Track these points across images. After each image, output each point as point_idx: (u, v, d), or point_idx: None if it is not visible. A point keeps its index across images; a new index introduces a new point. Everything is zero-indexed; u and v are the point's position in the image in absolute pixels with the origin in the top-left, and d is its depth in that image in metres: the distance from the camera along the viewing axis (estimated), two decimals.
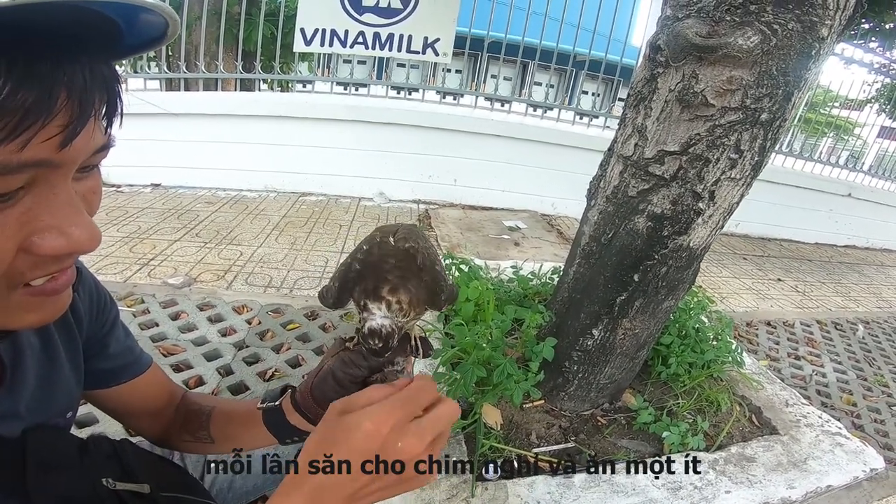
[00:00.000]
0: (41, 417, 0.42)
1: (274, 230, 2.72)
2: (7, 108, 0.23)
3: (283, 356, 1.51)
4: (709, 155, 0.70)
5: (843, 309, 3.19)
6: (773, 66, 0.65)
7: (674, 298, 0.91)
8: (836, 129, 5.60)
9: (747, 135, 0.69)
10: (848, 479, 1.08)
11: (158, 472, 0.47)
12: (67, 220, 0.29)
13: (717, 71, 0.66)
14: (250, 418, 0.56)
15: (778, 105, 0.68)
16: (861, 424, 1.88)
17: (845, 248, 4.81)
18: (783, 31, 0.65)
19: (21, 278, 0.30)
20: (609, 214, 0.85)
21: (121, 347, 0.54)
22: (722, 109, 0.67)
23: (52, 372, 0.44)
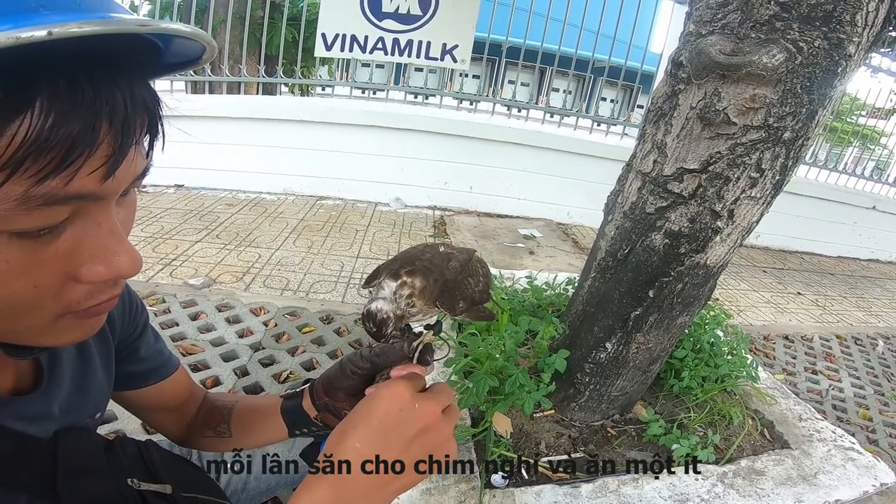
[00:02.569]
0: (73, 419, 0.44)
1: (292, 233, 2.78)
2: (52, 143, 0.24)
3: (298, 359, 1.55)
4: (729, 174, 0.70)
5: (863, 324, 3.12)
6: (798, 85, 0.66)
7: (689, 314, 0.91)
8: (862, 138, 5.48)
9: (769, 154, 0.69)
10: (857, 494, 1.07)
11: (179, 472, 0.49)
12: (111, 249, 0.30)
13: (740, 89, 0.67)
14: (269, 409, 0.59)
15: (801, 124, 0.68)
16: (876, 439, 1.86)
17: (868, 262, 4.69)
18: (809, 49, 0.65)
19: (74, 306, 0.31)
20: (626, 230, 0.86)
21: (151, 351, 0.57)
22: (744, 128, 0.67)
23: (85, 375, 0.46)
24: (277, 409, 0.58)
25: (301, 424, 0.58)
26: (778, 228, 4.27)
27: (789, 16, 0.68)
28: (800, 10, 0.67)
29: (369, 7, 3.15)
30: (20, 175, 0.24)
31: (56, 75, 0.23)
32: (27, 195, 0.24)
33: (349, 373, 0.52)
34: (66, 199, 0.26)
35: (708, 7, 0.74)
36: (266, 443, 0.62)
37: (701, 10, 0.75)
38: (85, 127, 0.25)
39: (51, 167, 0.24)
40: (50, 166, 0.24)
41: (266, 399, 0.62)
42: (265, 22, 3.44)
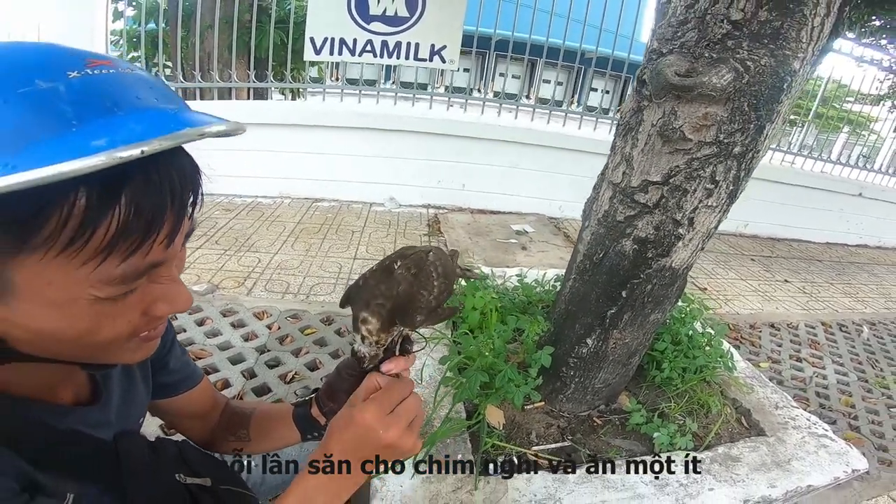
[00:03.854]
0: (124, 425, 0.52)
1: (290, 237, 2.84)
2: (133, 228, 0.31)
3: (302, 359, 1.62)
4: (687, 186, 0.77)
5: (849, 310, 3.19)
6: (745, 103, 0.72)
7: (660, 312, 0.98)
8: (850, 123, 5.55)
9: (722, 167, 0.76)
10: (829, 480, 1.12)
11: (212, 467, 0.57)
12: (172, 293, 0.39)
13: (693, 108, 0.73)
14: (283, 416, 0.68)
15: (750, 138, 0.74)
16: (857, 426, 1.92)
17: (857, 248, 4.77)
18: (755, 67, 0.71)
19: (139, 333, 0.40)
20: (600, 236, 0.93)
21: (179, 364, 0.64)
22: (698, 144, 0.74)
23: (130, 387, 0.55)
24: (290, 416, 0.67)
25: (312, 430, 0.67)
26: (766, 216, 4.34)
27: (740, 34, 0.74)
28: (751, 27, 0.73)
29: (356, 10, 3.18)
30: (113, 255, 0.31)
31: (134, 171, 0.30)
32: (122, 273, 0.33)
33: (345, 375, 0.60)
34: (146, 269, 0.34)
35: (669, 25, 0.80)
36: (281, 446, 0.70)
37: (663, 28, 0.82)
38: (157, 210, 0.32)
39: (134, 246, 0.32)
40: (134, 246, 0.32)
41: (279, 407, 0.71)
42: (253, 25, 3.44)
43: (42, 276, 0.31)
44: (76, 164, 0.25)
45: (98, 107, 0.29)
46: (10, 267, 0.30)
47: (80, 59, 0.31)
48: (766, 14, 0.72)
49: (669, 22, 0.80)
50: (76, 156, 0.26)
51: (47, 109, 0.27)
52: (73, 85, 0.29)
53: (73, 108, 0.28)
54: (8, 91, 0.27)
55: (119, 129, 0.28)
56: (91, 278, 0.32)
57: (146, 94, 0.32)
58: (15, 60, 0.29)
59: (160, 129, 0.29)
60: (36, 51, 0.31)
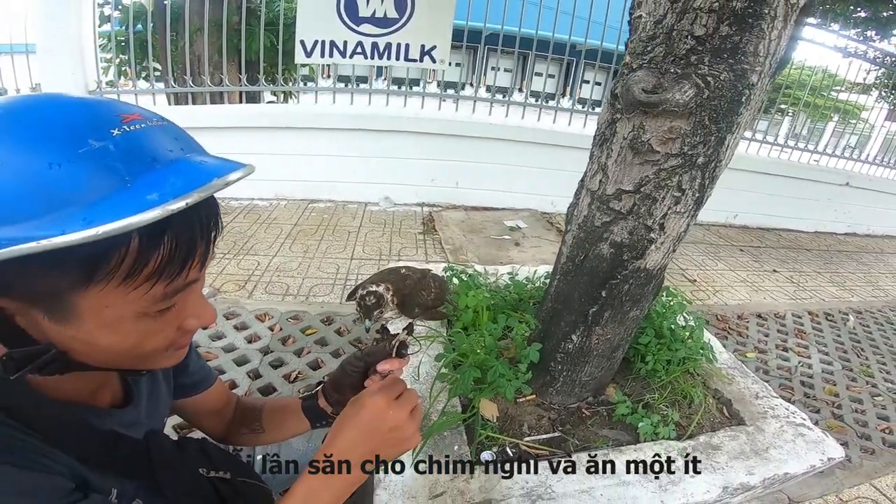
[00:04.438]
0: (152, 424, 0.59)
1: (287, 239, 2.89)
2: (176, 258, 0.39)
3: (305, 359, 1.68)
4: (656, 195, 0.83)
5: (836, 299, 3.25)
6: (706, 117, 0.77)
7: (638, 309, 1.05)
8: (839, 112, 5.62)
9: (687, 176, 0.82)
10: (805, 468, 1.17)
11: (231, 462, 0.63)
12: (201, 309, 0.47)
13: (659, 122, 0.79)
14: (293, 407, 0.76)
15: (712, 149, 0.80)
16: (841, 415, 1.96)
17: (845, 237, 4.85)
18: (715, 83, 0.77)
19: (174, 343, 0.47)
20: (581, 240, 0.99)
21: (196, 366, 0.72)
22: (665, 155, 0.80)
23: (155, 389, 0.61)
24: (299, 408, 0.75)
25: (320, 419, 0.74)
26: (755, 207, 4.42)
27: (703, 48, 0.79)
28: (712, 42, 0.78)
29: (346, 12, 3.20)
30: (160, 280, 0.39)
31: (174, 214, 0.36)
32: (164, 292, 0.40)
33: (349, 371, 0.67)
34: (182, 288, 0.42)
35: (640, 40, 0.86)
36: (292, 435, 0.78)
37: (635, 43, 0.87)
38: (191, 242, 0.40)
39: (175, 272, 0.40)
40: (175, 271, 0.40)
41: (288, 400, 0.78)
42: (242, 28, 3.45)
43: (102, 301, 0.38)
44: (139, 218, 0.32)
45: (142, 162, 0.35)
46: (78, 296, 0.37)
47: (116, 116, 0.37)
48: (727, 29, 0.78)
49: (640, 37, 0.86)
50: (138, 210, 0.32)
51: (105, 168, 0.34)
52: (119, 143, 0.35)
53: (123, 165, 0.34)
54: (70, 152, 0.33)
55: (163, 184, 0.34)
56: (141, 300, 0.39)
57: (174, 146, 0.39)
58: (66, 121, 0.35)
59: (196, 181, 0.35)
60: (78, 109, 0.36)
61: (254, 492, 0.63)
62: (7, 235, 0.31)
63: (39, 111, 0.35)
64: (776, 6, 0.77)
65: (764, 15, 0.77)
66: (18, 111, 0.35)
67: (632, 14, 0.88)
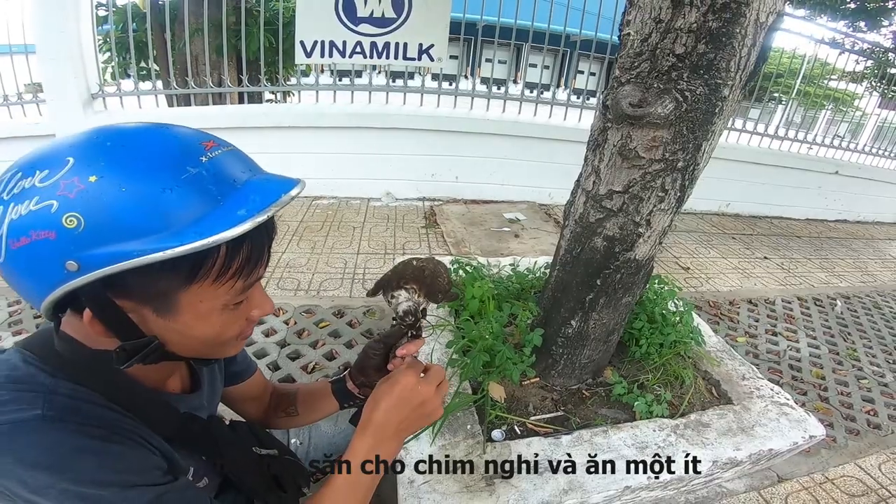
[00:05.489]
0: (211, 409, 0.68)
1: (294, 235, 2.98)
2: (252, 259, 0.48)
3: (320, 351, 1.79)
4: (643, 195, 0.93)
5: (825, 285, 3.34)
6: (684, 127, 0.87)
7: (630, 296, 1.15)
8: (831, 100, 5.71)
9: (669, 179, 0.92)
10: (788, 444, 1.25)
11: (275, 442, 0.74)
12: (263, 302, 0.55)
13: (644, 132, 0.89)
14: (323, 391, 0.85)
15: (690, 155, 0.90)
16: (827, 397, 2.03)
17: (836, 223, 4.95)
18: (692, 97, 0.86)
19: (241, 333, 0.55)
20: (577, 234, 1.09)
21: (242, 356, 0.81)
22: (649, 161, 0.89)
23: (213, 378, 0.71)
24: (328, 390, 0.84)
25: (348, 399, 0.83)
26: (747, 196, 4.52)
27: (683, 65, 0.88)
28: (691, 59, 0.88)
29: (344, 13, 3.25)
30: (240, 277, 0.48)
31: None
32: (242, 287, 0.49)
33: (371, 355, 0.76)
34: (253, 282, 0.50)
35: (628, 56, 0.95)
36: (323, 416, 0.87)
37: (624, 58, 0.96)
38: (262, 245, 0.49)
39: (250, 269, 0.48)
40: (249, 269, 0.48)
41: (318, 384, 0.87)
42: (242, 28, 3.46)
43: (198, 297, 0.46)
44: (236, 230, 0.41)
45: (227, 184, 0.44)
46: (181, 293, 0.46)
47: (199, 144, 0.45)
48: (703, 47, 0.87)
49: (628, 53, 0.95)
50: (233, 224, 0.41)
51: (202, 190, 0.42)
52: (208, 168, 0.44)
53: (215, 187, 0.43)
54: (176, 178, 0.42)
55: (247, 202, 0.43)
56: (226, 294, 0.48)
57: (243, 168, 0.48)
58: (166, 152, 0.43)
59: (270, 198, 0.44)
60: (171, 139, 0.44)
61: (295, 468, 0.73)
62: (136, 248, 0.40)
63: (144, 143, 0.43)
64: (747, 25, 0.87)
65: (735, 34, 0.86)
66: (127, 145, 0.43)
67: (621, 31, 0.98)
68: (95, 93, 3.21)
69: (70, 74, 3.04)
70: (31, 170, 0.42)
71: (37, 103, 3.21)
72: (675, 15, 0.88)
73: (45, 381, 0.46)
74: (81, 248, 0.40)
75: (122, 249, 0.40)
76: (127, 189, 0.40)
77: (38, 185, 0.40)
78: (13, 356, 0.48)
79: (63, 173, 0.40)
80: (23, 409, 0.43)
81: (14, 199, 0.41)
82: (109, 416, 0.48)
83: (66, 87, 3.06)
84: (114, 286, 0.43)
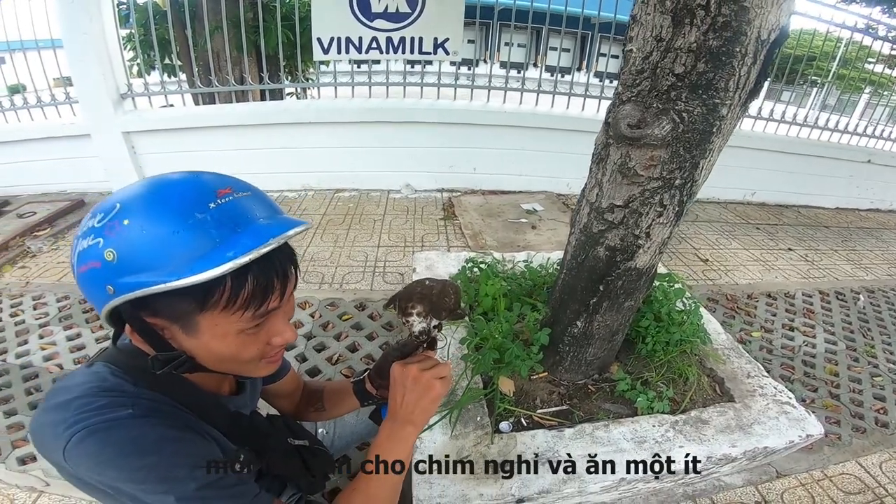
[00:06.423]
0: (253, 405, 0.79)
1: (318, 229, 3.10)
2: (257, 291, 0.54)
3: (343, 343, 1.90)
4: (642, 210, 0.97)
5: (850, 277, 3.22)
6: (681, 147, 0.90)
7: (632, 300, 1.21)
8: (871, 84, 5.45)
9: (667, 195, 0.96)
10: (784, 443, 1.28)
11: (306, 433, 0.84)
12: (284, 330, 0.62)
13: (642, 152, 0.93)
14: (346, 390, 0.96)
15: (687, 173, 0.94)
16: (838, 394, 2.01)
17: (868, 213, 4.75)
18: (689, 118, 0.90)
19: (265, 356, 0.63)
20: (582, 242, 1.15)
21: None
22: (648, 178, 0.94)
23: (255, 380, 0.82)
24: (350, 390, 0.94)
25: (367, 398, 0.94)
26: (774, 185, 4.39)
27: (682, 84, 0.90)
28: (690, 78, 0.90)
29: (359, 9, 3.30)
30: (249, 309, 0.55)
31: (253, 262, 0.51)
32: (254, 316, 0.57)
33: (390, 360, 0.83)
34: (267, 313, 0.58)
35: (630, 73, 0.98)
36: (346, 412, 0.98)
37: (626, 75, 0.99)
38: (269, 281, 0.56)
39: (259, 302, 0.56)
40: (259, 302, 0.55)
41: (341, 383, 0.98)
42: (260, 25, 3.52)
43: (213, 321, 0.54)
44: (221, 269, 0.48)
45: (227, 228, 0.52)
46: (199, 316, 0.54)
47: (213, 191, 0.53)
48: (703, 66, 0.89)
49: (631, 70, 0.98)
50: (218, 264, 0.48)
51: (204, 234, 0.50)
52: (213, 214, 0.51)
53: (216, 231, 0.51)
54: (183, 223, 0.50)
55: (237, 245, 0.50)
56: (239, 321, 0.56)
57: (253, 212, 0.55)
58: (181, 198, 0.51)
59: (259, 241, 0.51)
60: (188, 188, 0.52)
61: (323, 457, 0.84)
62: (149, 279, 0.49)
63: (169, 192, 0.52)
64: (748, 44, 0.89)
65: (736, 53, 0.89)
66: (157, 192, 0.52)
67: (625, 47, 1.01)
68: (125, 93, 3.36)
69: (99, 76, 3.19)
70: (95, 213, 0.52)
71: (70, 104, 3.39)
72: (675, 34, 0.90)
73: (130, 389, 0.58)
74: (116, 276, 0.50)
75: (140, 279, 0.49)
76: (146, 231, 0.49)
77: (95, 226, 0.51)
78: (102, 370, 0.59)
79: (111, 217, 0.50)
80: (117, 410, 0.54)
81: (82, 236, 0.52)
82: (180, 415, 0.60)
83: (96, 88, 3.22)
84: (143, 307, 0.53)
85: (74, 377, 0.59)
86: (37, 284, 2.43)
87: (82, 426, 0.52)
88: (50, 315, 2.16)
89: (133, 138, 3.47)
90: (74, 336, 2.04)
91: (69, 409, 0.53)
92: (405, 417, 0.73)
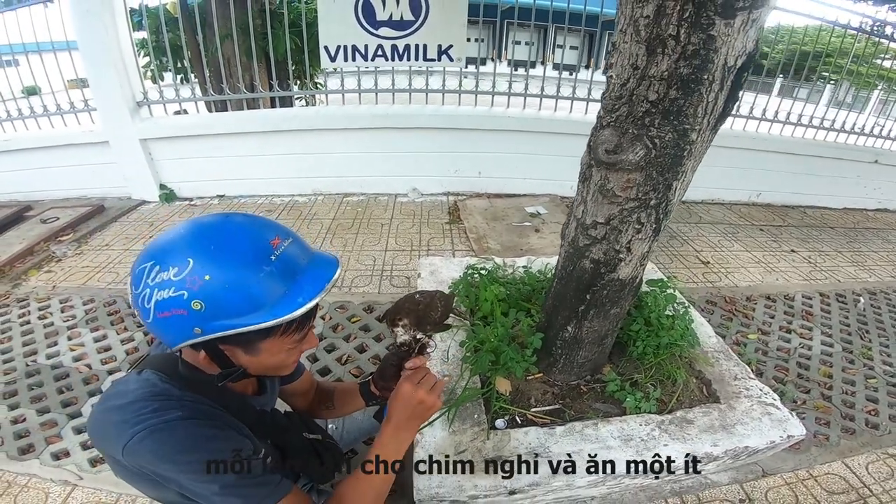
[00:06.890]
0: (272, 403, 0.90)
1: (327, 234, 3.21)
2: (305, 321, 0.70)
3: (352, 344, 2.01)
4: (621, 227, 1.06)
5: (852, 279, 3.19)
6: (654, 170, 0.98)
7: (618, 308, 1.29)
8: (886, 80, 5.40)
9: (644, 214, 1.04)
10: (765, 443, 1.33)
11: (319, 428, 0.95)
12: (312, 340, 0.76)
13: (619, 175, 1.01)
14: (353, 390, 1.07)
15: (661, 194, 1.02)
16: (830, 395, 2.03)
17: (875, 213, 4.69)
18: (661, 143, 0.97)
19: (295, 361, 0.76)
20: (570, 254, 1.24)
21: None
22: (625, 199, 1.02)
23: (273, 381, 0.93)
24: (357, 391, 1.06)
25: (371, 399, 1.05)
26: (779, 185, 4.38)
27: (656, 111, 0.96)
28: (663, 105, 0.96)
29: (364, 17, 3.38)
30: (299, 331, 0.69)
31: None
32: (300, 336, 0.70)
33: (390, 364, 0.95)
34: (308, 331, 0.71)
35: (611, 98, 1.04)
36: (353, 410, 1.09)
37: (607, 99, 1.06)
38: (313, 310, 0.69)
39: (307, 326, 0.70)
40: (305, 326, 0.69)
41: (349, 385, 1.09)
42: (269, 31, 3.61)
43: (272, 344, 0.69)
44: (297, 313, 0.63)
45: (291, 276, 0.65)
46: (261, 343, 0.68)
47: (268, 242, 0.65)
48: (674, 93, 0.96)
49: (611, 95, 1.06)
50: (295, 309, 0.63)
51: (276, 284, 0.63)
52: (277, 265, 0.64)
53: (282, 280, 0.64)
54: (258, 274, 0.62)
55: (304, 291, 0.64)
56: (290, 341, 0.70)
57: (300, 258, 0.67)
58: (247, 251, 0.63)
59: (319, 286, 0.65)
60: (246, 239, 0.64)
61: (334, 450, 0.95)
62: (236, 322, 0.62)
63: (231, 247, 0.63)
64: (714, 70, 0.95)
65: (703, 80, 0.95)
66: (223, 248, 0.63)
67: (605, 73, 1.09)
68: (141, 101, 3.50)
69: (116, 86, 3.33)
70: (165, 265, 0.62)
71: (89, 111, 3.54)
72: (649, 62, 0.96)
73: (177, 393, 0.70)
74: (204, 322, 0.62)
75: (228, 323, 0.62)
76: (229, 286, 0.62)
77: (174, 279, 0.61)
78: (151, 377, 0.71)
79: (188, 271, 0.61)
80: (168, 413, 0.66)
81: (157, 287, 0.61)
82: (219, 415, 0.72)
83: (114, 97, 3.37)
84: (221, 339, 0.65)
85: (128, 383, 0.71)
86: (63, 288, 2.57)
87: (142, 427, 0.63)
88: (77, 318, 2.30)
89: (150, 145, 3.62)
90: (101, 338, 2.18)
91: (128, 412, 0.65)
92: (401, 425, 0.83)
